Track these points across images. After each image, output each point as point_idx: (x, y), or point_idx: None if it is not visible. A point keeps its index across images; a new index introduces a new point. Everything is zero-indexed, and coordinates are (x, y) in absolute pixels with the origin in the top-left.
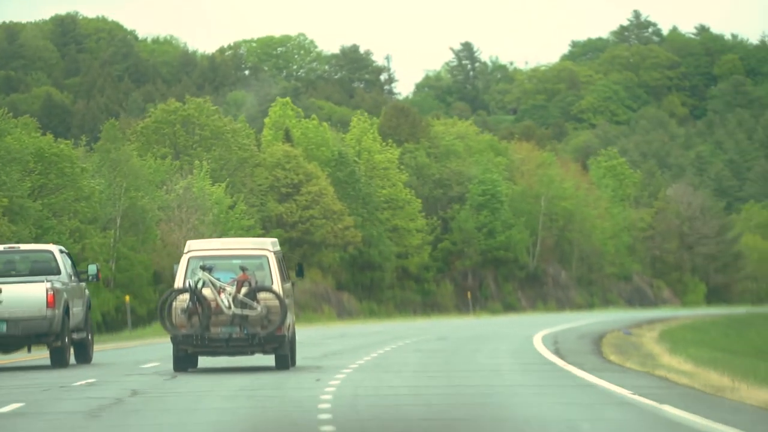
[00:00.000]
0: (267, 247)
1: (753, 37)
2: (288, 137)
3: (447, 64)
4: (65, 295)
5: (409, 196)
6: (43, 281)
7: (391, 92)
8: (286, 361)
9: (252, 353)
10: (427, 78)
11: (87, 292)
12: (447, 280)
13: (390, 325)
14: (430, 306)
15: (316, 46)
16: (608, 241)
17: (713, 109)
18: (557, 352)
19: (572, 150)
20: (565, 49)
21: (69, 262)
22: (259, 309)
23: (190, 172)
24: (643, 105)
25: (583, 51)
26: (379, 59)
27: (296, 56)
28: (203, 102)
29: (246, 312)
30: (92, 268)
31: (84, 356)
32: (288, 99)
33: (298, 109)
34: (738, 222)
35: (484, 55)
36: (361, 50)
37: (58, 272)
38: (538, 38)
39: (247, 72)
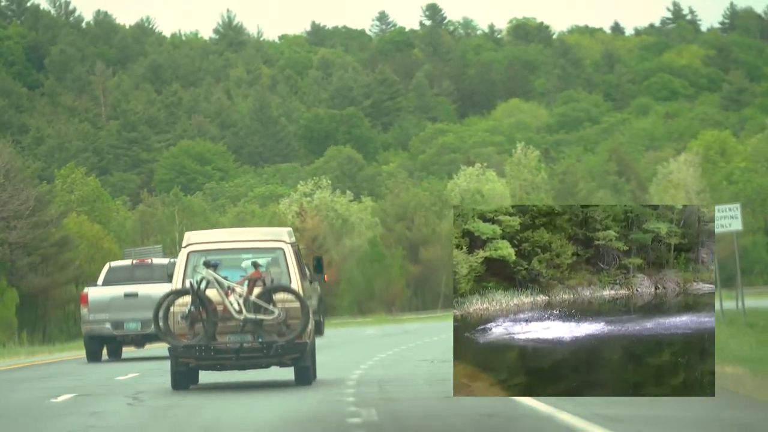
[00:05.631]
0: (282, 237)
1: None
2: None
3: None
4: None
5: None
6: None
7: None
8: (307, 374)
9: (267, 366)
10: None
11: None
12: None
13: None
14: None
15: None
16: None
17: None
18: None
19: None
20: None
21: None
22: (276, 313)
23: None
24: None
25: None
26: None
27: None
28: None
29: (260, 316)
30: None
31: None
32: None
33: None
34: (60, 194)
35: None
36: None
37: None
38: None
39: None
